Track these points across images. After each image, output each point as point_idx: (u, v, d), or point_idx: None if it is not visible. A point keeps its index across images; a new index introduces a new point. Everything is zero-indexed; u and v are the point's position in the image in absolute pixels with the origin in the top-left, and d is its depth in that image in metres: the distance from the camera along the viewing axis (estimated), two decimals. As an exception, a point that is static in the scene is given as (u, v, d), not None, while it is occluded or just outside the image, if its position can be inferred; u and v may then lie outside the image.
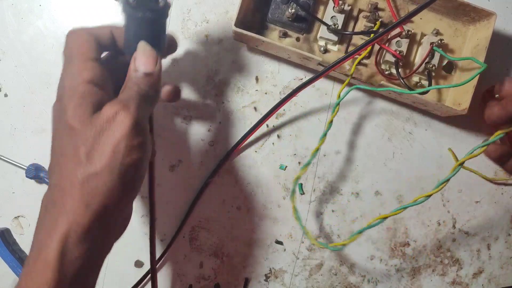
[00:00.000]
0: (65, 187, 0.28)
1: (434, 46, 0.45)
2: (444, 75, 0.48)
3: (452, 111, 0.44)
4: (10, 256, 0.45)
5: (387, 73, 0.46)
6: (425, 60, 0.45)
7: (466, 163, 0.39)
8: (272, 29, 0.46)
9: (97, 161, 0.27)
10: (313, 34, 0.46)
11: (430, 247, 0.49)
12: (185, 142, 0.47)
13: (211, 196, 0.47)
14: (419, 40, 0.47)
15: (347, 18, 0.46)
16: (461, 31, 0.47)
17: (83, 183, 0.27)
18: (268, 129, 0.48)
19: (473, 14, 0.45)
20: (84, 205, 0.27)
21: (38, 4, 0.47)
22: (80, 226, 0.27)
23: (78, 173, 0.27)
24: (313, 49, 0.46)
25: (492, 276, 0.50)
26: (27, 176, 0.46)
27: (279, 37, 0.46)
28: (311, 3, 0.45)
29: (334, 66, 0.42)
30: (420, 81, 0.47)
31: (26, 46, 0.47)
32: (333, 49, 0.46)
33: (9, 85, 0.47)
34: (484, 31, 0.45)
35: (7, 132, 0.47)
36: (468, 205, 0.49)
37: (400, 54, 0.45)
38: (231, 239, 0.48)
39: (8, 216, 0.47)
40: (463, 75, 0.47)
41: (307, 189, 0.48)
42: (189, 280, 0.48)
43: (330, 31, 0.45)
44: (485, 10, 0.44)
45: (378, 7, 0.46)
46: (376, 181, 0.49)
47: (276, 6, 0.45)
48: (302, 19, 0.45)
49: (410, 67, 0.47)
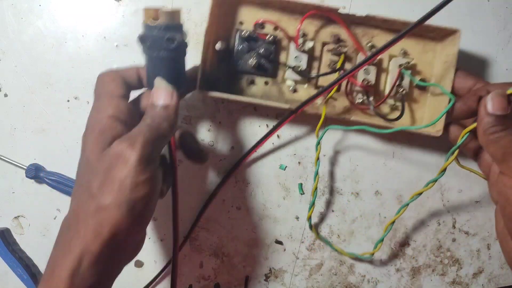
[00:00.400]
0: (80, 215, 0.30)
1: (402, 69, 0.44)
2: (417, 95, 0.47)
3: (427, 132, 0.43)
4: (10, 256, 0.45)
5: (360, 101, 0.45)
6: (395, 84, 0.44)
7: (466, 163, 0.39)
8: (240, 78, 0.46)
9: (106, 195, 0.30)
10: (281, 75, 0.46)
11: (430, 247, 0.49)
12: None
13: (211, 196, 0.47)
14: (387, 64, 0.46)
15: (311, 55, 0.45)
16: (429, 46, 0.46)
17: (94, 214, 0.29)
18: (268, 129, 0.48)
19: (437, 31, 0.44)
20: (94, 234, 0.29)
21: (38, 4, 0.47)
22: (91, 251, 0.29)
23: (91, 204, 0.30)
24: (282, 90, 0.46)
25: (492, 276, 0.50)
26: (27, 176, 0.46)
27: (248, 85, 0.46)
28: (272, 48, 0.45)
29: (302, 107, 0.42)
30: (395, 103, 0.46)
31: (26, 46, 0.47)
32: (302, 88, 0.46)
33: (9, 85, 0.47)
34: (451, 47, 0.44)
35: (7, 132, 0.47)
36: (468, 205, 0.49)
37: (369, 83, 0.44)
38: (231, 239, 0.48)
39: (8, 216, 0.47)
40: (437, 89, 0.46)
41: (307, 189, 0.48)
42: (189, 280, 0.48)
43: (296, 73, 0.44)
44: (448, 28, 0.43)
45: (341, 38, 0.45)
46: (376, 181, 0.49)
47: (239, 56, 0.45)
48: (266, 64, 0.45)
49: (382, 93, 0.46)
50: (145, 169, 0.30)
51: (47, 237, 0.47)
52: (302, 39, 0.45)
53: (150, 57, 0.36)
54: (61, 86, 0.47)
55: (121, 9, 0.47)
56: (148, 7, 0.35)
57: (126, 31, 0.47)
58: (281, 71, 0.46)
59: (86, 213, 0.30)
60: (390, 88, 0.44)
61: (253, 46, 0.44)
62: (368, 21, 0.45)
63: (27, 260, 0.47)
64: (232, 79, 0.45)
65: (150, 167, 0.31)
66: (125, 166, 0.30)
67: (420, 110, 0.47)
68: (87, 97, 0.47)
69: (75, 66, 0.47)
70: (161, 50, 0.35)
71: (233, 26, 0.45)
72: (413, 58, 0.46)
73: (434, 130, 0.43)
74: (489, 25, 0.49)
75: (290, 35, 0.44)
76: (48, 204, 0.47)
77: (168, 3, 0.47)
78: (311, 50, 0.45)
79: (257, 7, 0.45)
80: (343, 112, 0.46)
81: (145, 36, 0.35)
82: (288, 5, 0.44)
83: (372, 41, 0.46)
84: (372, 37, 0.46)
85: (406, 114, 0.46)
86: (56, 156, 0.47)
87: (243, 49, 0.44)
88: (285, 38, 0.45)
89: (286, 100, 0.46)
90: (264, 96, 0.46)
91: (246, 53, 0.44)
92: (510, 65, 0.50)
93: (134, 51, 0.47)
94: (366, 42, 0.46)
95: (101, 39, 0.47)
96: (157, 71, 0.36)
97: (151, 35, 0.35)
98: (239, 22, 0.45)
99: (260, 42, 0.44)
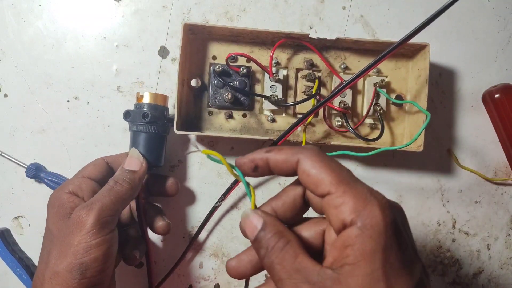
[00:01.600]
0: (40, 278, 0.33)
1: (377, 88, 0.44)
2: (395, 112, 0.47)
3: (408, 149, 0.44)
4: (10, 256, 0.45)
5: (339, 124, 0.46)
6: (372, 104, 0.44)
7: (466, 164, 0.38)
8: (218, 112, 0.46)
9: (60, 261, 0.32)
10: (259, 106, 0.46)
11: (430, 247, 0.49)
12: (185, 142, 0.47)
13: (211, 196, 0.47)
14: (362, 84, 0.46)
15: (286, 83, 0.45)
16: (401, 62, 0.47)
17: (50, 280, 0.32)
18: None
19: (407, 47, 0.44)
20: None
21: (38, 4, 0.47)
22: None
23: (46, 271, 0.32)
24: (261, 121, 0.46)
25: (492, 276, 0.50)
26: (27, 175, 0.46)
27: (226, 119, 0.46)
28: (247, 80, 0.45)
29: (282, 139, 0.41)
30: (374, 122, 0.46)
31: (26, 46, 0.47)
32: (281, 117, 0.46)
33: (9, 85, 0.47)
34: (422, 62, 0.44)
35: (7, 132, 0.47)
36: (468, 205, 0.49)
37: (346, 106, 0.44)
38: (231, 239, 0.48)
39: (8, 216, 0.47)
40: (415, 101, 0.46)
41: (307, 189, 0.48)
42: (189, 280, 0.48)
43: (272, 103, 0.44)
44: (418, 44, 0.43)
45: (314, 63, 0.46)
46: (376, 181, 0.49)
47: (214, 92, 0.45)
48: (242, 97, 0.45)
49: (360, 114, 0.46)
50: (99, 232, 0.32)
51: (47, 237, 0.47)
52: (276, 68, 0.45)
53: (132, 131, 0.41)
54: (61, 86, 0.47)
55: (121, 9, 0.47)
56: (138, 92, 0.42)
57: (126, 31, 0.47)
58: (257, 103, 0.46)
59: (43, 278, 0.32)
60: (368, 108, 0.44)
61: (228, 80, 0.44)
62: (339, 44, 0.45)
63: (27, 261, 0.47)
64: (210, 116, 0.46)
65: (105, 230, 0.33)
66: (80, 231, 0.32)
67: (400, 127, 0.47)
68: (87, 97, 0.47)
69: (75, 66, 0.47)
70: (138, 125, 0.41)
71: (206, 62, 0.45)
72: (387, 75, 0.46)
73: (416, 146, 0.43)
74: (489, 25, 0.49)
75: (263, 66, 0.44)
76: (48, 204, 0.47)
77: (168, 4, 0.47)
78: (285, 78, 0.45)
79: (228, 41, 0.45)
80: (323, 137, 0.46)
81: (128, 112, 0.41)
82: (258, 35, 0.44)
83: (345, 62, 0.46)
84: (344, 58, 0.46)
85: (386, 132, 0.46)
86: (56, 156, 0.47)
87: (218, 83, 0.44)
88: (259, 70, 0.45)
89: (266, 130, 0.46)
90: (243, 129, 0.46)
91: (222, 88, 0.45)
92: (510, 65, 0.50)
93: (134, 51, 0.47)
94: (339, 65, 0.46)
95: (101, 39, 0.47)
96: (135, 144, 0.41)
97: (132, 111, 0.41)
98: (212, 57, 0.45)
99: (234, 75, 0.45)
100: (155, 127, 0.41)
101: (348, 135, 0.46)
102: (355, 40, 0.43)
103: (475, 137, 0.50)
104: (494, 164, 0.50)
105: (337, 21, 0.48)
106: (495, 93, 0.47)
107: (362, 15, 0.48)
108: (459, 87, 0.49)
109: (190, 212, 0.48)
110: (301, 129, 0.45)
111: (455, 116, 0.49)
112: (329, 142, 0.44)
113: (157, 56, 0.47)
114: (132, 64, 0.47)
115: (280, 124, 0.46)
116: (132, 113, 0.41)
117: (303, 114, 0.41)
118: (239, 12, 0.48)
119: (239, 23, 0.48)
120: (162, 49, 0.47)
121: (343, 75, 0.45)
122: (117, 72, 0.47)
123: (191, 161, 0.47)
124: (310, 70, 0.45)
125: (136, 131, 0.41)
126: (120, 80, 0.47)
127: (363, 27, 0.48)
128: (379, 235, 0.22)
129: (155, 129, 0.41)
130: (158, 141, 0.42)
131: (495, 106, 0.48)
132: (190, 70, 0.45)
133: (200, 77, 0.45)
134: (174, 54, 0.47)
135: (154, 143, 0.41)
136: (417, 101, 0.45)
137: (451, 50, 0.49)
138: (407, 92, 0.47)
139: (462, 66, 0.49)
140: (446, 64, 0.49)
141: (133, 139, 0.41)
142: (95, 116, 0.47)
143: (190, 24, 0.42)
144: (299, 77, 0.46)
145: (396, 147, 0.42)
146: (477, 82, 0.49)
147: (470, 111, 0.50)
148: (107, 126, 0.47)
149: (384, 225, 0.22)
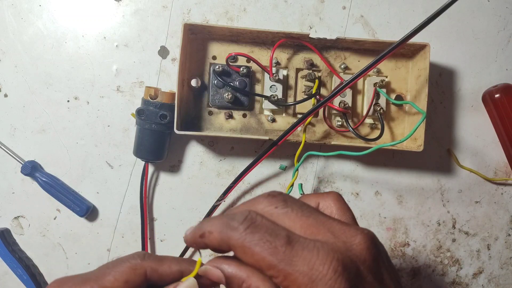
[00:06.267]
0: None
1: (377, 88, 0.44)
2: (395, 112, 0.47)
3: (409, 149, 0.44)
4: (10, 256, 0.45)
5: (339, 124, 0.46)
6: (372, 104, 0.44)
7: (466, 164, 0.38)
8: (218, 112, 0.46)
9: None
10: (259, 106, 0.46)
11: (430, 247, 0.49)
12: (185, 142, 0.47)
13: (211, 196, 0.47)
14: (363, 84, 0.46)
15: (286, 83, 0.45)
16: (401, 62, 0.47)
17: None
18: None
19: (408, 47, 0.44)
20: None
21: (38, 4, 0.47)
22: None
23: None
24: (261, 121, 0.46)
25: (492, 276, 0.50)
26: (22, 171, 0.45)
27: (226, 119, 0.46)
28: (247, 80, 0.44)
29: (282, 139, 0.41)
30: (374, 122, 0.46)
31: (26, 46, 0.47)
32: (280, 117, 0.46)
33: (9, 85, 0.47)
34: (422, 61, 0.44)
35: (7, 132, 0.47)
36: (468, 205, 0.49)
37: (346, 106, 0.44)
38: (231, 239, 0.48)
39: (8, 216, 0.47)
40: (415, 101, 0.46)
41: (307, 189, 0.48)
42: (189, 280, 0.48)
43: (272, 103, 0.44)
44: (418, 44, 0.43)
45: (314, 63, 0.45)
46: (376, 181, 0.49)
47: (214, 92, 0.44)
48: (242, 97, 0.45)
49: (360, 114, 0.46)
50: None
51: (47, 238, 0.47)
52: (276, 68, 0.45)
53: (142, 128, 0.42)
54: (61, 86, 0.47)
55: (121, 9, 0.47)
56: (149, 86, 0.42)
57: (126, 31, 0.47)
58: (258, 103, 0.46)
59: None
60: (368, 107, 0.44)
61: (228, 80, 0.44)
62: (339, 44, 0.45)
63: (27, 261, 0.46)
64: (210, 116, 0.46)
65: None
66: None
67: (400, 127, 0.47)
68: (87, 97, 0.47)
69: (75, 66, 0.47)
70: (153, 124, 0.41)
71: (206, 62, 0.45)
72: (387, 75, 0.46)
73: (416, 146, 0.43)
74: (489, 25, 0.49)
75: (263, 66, 0.44)
76: (48, 204, 0.47)
77: (168, 4, 0.47)
78: (285, 78, 0.45)
79: (228, 41, 0.45)
80: (323, 137, 0.46)
81: (142, 110, 0.41)
82: (258, 35, 0.44)
83: (345, 62, 0.46)
84: (344, 58, 0.46)
85: (386, 132, 0.46)
86: (55, 156, 0.47)
87: (218, 83, 0.44)
88: (259, 70, 0.45)
89: (266, 130, 0.46)
90: (243, 129, 0.46)
91: (222, 88, 0.44)
92: (510, 65, 0.50)
93: (134, 51, 0.47)
94: (339, 64, 0.46)
95: (101, 39, 0.47)
96: (144, 141, 0.42)
97: (147, 109, 0.41)
98: (212, 57, 0.45)
99: (234, 75, 0.44)
100: (168, 127, 0.42)
101: (348, 135, 0.46)
102: (355, 40, 0.43)
103: (475, 137, 0.50)
104: (494, 164, 0.50)
105: (337, 21, 0.48)
106: (495, 93, 0.47)
107: (362, 15, 0.48)
108: (459, 87, 0.49)
109: (190, 211, 0.48)
110: (301, 129, 0.45)
111: (455, 116, 0.49)
112: (329, 142, 0.44)
113: (157, 56, 0.47)
114: (132, 64, 0.47)
115: (280, 124, 0.46)
116: (147, 111, 0.41)
117: (303, 114, 0.41)
118: (239, 12, 0.48)
119: (239, 23, 0.48)
120: (162, 49, 0.47)
121: (343, 75, 0.45)
122: (117, 72, 0.47)
123: (191, 161, 0.47)
124: (310, 70, 0.45)
125: (147, 129, 0.42)
126: (120, 80, 0.47)
127: (363, 27, 0.48)
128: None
129: (168, 128, 0.42)
130: (166, 138, 0.44)
131: (495, 106, 0.48)
132: (190, 70, 0.45)
133: (200, 77, 0.45)
134: (174, 54, 0.47)
135: (162, 141, 0.43)
136: (417, 101, 0.45)
137: (451, 50, 0.49)
138: (407, 92, 0.47)
139: (462, 66, 0.49)
140: (446, 64, 0.49)
141: (141, 135, 0.42)
142: (95, 116, 0.47)
143: (190, 24, 0.42)
144: (299, 77, 0.46)
145: (391, 143, 0.41)
146: (477, 82, 0.50)
147: (470, 111, 0.50)
148: (107, 126, 0.47)
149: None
